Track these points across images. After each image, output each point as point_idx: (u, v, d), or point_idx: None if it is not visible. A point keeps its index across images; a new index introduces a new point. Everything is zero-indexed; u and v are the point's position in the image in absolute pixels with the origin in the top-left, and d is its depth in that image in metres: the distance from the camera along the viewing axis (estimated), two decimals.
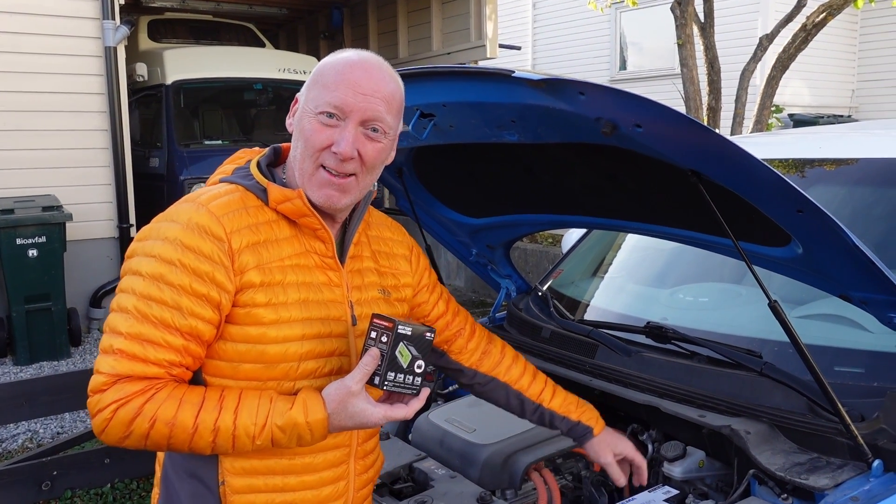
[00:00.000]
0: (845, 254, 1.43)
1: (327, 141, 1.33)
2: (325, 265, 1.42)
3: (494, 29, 8.07)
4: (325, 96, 1.33)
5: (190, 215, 1.31)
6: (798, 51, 6.84)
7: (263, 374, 1.34)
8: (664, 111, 1.30)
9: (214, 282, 1.28)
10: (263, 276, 1.33)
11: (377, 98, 1.35)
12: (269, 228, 1.37)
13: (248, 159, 1.49)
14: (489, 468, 1.82)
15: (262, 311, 1.32)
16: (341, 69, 1.35)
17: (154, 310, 1.26)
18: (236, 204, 1.35)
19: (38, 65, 5.85)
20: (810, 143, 2.70)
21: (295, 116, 1.42)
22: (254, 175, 1.41)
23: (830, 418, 1.56)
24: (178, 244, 1.28)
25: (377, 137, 1.36)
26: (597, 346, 2.08)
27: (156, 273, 1.27)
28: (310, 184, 1.36)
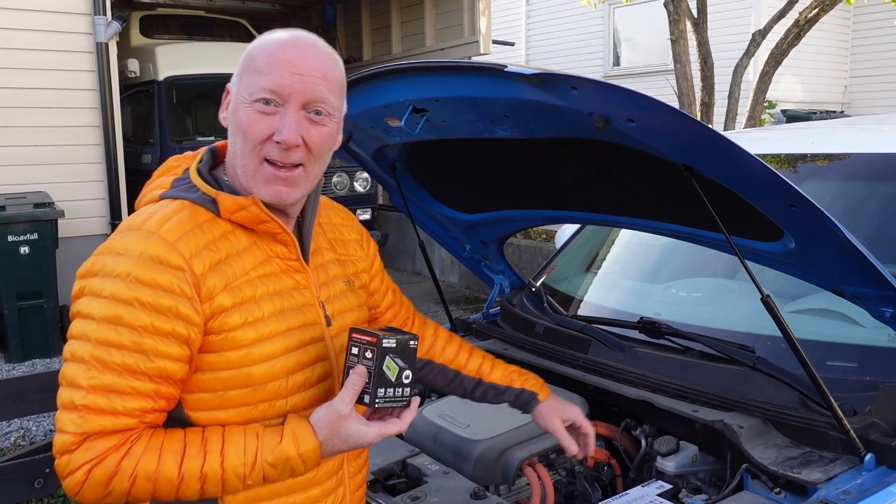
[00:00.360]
0: (837, 248, 1.44)
1: (268, 130, 1.23)
2: (291, 268, 1.34)
3: (488, 25, 8.07)
4: (258, 81, 1.23)
5: (140, 246, 1.18)
6: (791, 46, 6.86)
7: (253, 398, 1.26)
8: (657, 105, 1.30)
9: (179, 316, 1.17)
10: (234, 296, 1.23)
11: (316, 77, 1.25)
12: (226, 242, 1.26)
13: (184, 167, 1.37)
14: (483, 464, 1.82)
15: (240, 333, 1.23)
16: (273, 50, 1.25)
17: (115, 356, 1.14)
18: (188, 223, 1.23)
19: (28, 61, 5.83)
20: (803, 138, 2.71)
21: (228, 110, 1.30)
22: (198, 185, 1.29)
23: (823, 412, 1.57)
24: (131, 280, 1.15)
25: (322, 121, 1.27)
26: (590, 342, 2.09)
27: (110, 315, 1.14)
28: (254, 181, 1.26)
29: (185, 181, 1.31)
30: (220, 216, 1.27)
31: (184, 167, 1.36)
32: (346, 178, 7.34)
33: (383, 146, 2.10)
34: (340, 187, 7.31)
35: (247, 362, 1.24)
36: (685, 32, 6.73)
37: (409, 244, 8.69)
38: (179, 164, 1.38)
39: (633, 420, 1.90)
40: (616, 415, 1.95)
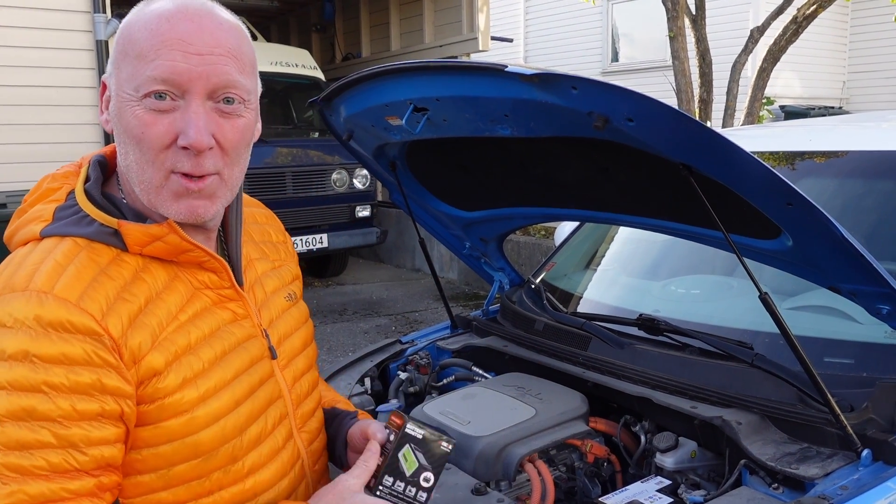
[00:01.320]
0: (834, 246, 1.45)
1: (168, 134, 0.97)
2: (224, 298, 1.10)
3: (486, 21, 8.06)
4: (144, 70, 0.96)
5: (32, 312, 0.91)
6: (789, 43, 6.86)
7: (204, 469, 1.03)
8: (655, 105, 1.31)
9: (105, 391, 0.93)
10: (165, 352, 0.99)
11: (221, 56, 0.98)
12: (141, 285, 1.00)
13: (66, 189, 1.07)
14: (483, 460, 1.83)
15: (179, 396, 1.00)
16: (157, 26, 0.96)
17: (35, 459, 0.89)
18: (88, 270, 0.97)
19: (28, 59, 5.80)
20: (800, 135, 2.72)
21: (109, 109, 1.03)
22: (91, 215, 1.02)
23: (820, 409, 1.58)
24: (31, 361, 0.90)
25: (235, 111, 1.01)
26: (590, 339, 2.09)
27: (16, 410, 0.89)
28: (160, 199, 1.00)
29: (72, 209, 1.03)
30: (127, 250, 1.02)
31: (66, 189, 1.07)
32: (346, 175, 7.35)
33: (384, 144, 2.12)
34: (340, 184, 7.32)
35: (192, 429, 1.01)
36: (683, 29, 6.74)
37: (408, 241, 8.70)
38: (59, 185, 1.08)
39: (632, 416, 1.90)
40: (615, 411, 1.96)
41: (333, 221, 7.31)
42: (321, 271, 8.29)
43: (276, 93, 7.79)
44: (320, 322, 6.48)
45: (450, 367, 2.37)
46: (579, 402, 1.92)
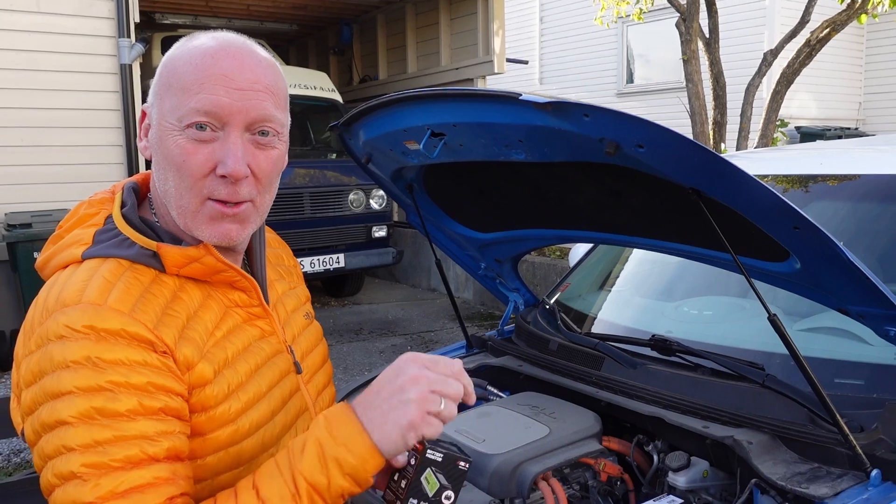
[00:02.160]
0: (841, 269, 1.47)
1: (208, 163, 1.03)
2: (252, 316, 1.16)
3: (502, 44, 8.16)
4: (188, 102, 1.02)
5: (90, 322, 0.96)
6: (803, 66, 6.89)
7: (243, 477, 1.05)
8: (665, 132, 1.35)
9: (164, 389, 0.98)
10: (212, 364, 1.05)
11: (259, 91, 1.05)
12: (181, 303, 1.06)
13: (103, 214, 1.13)
14: (498, 477, 1.84)
15: (224, 408, 1.05)
16: (201, 62, 1.03)
17: (113, 453, 0.93)
18: (136, 287, 1.02)
19: (55, 82, 5.95)
20: (812, 158, 2.75)
21: (150, 137, 1.09)
22: (131, 237, 1.07)
23: (830, 429, 1.59)
24: (94, 363, 0.95)
25: (270, 143, 1.08)
26: (603, 359, 2.11)
27: (86, 411, 0.93)
28: (195, 222, 1.06)
29: (112, 232, 1.09)
30: (165, 271, 1.07)
31: (103, 214, 1.13)
32: (363, 196, 7.43)
33: (401, 167, 2.16)
34: (357, 205, 7.40)
35: (236, 439, 1.06)
36: (697, 52, 6.78)
37: (423, 261, 8.75)
38: (96, 210, 1.14)
39: (645, 436, 1.92)
40: (628, 431, 1.97)
41: (350, 241, 7.38)
42: (337, 291, 8.35)
43: (295, 114, 7.78)
44: (336, 341, 6.53)
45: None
46: (593, 422, 1.94)
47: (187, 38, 1.09)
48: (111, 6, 6.01)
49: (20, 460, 4.04)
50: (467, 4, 8.55)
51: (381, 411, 0.99)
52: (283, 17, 10.47)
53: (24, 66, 5.84)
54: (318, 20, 10.62)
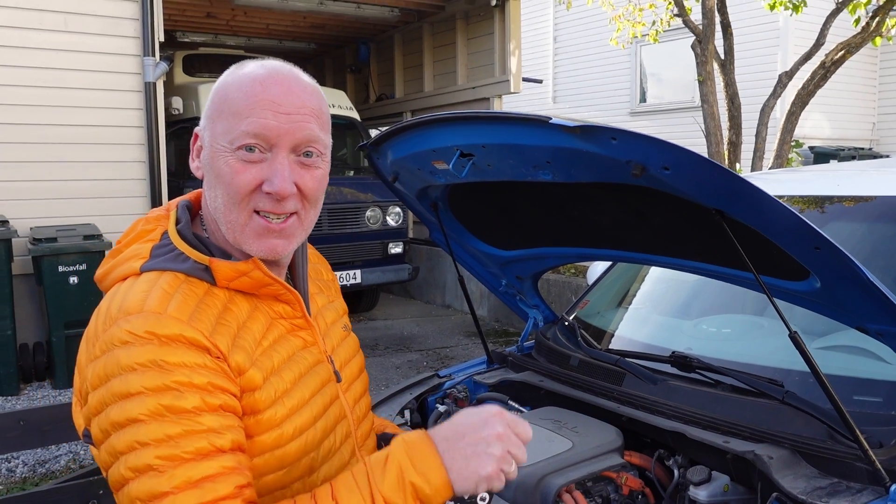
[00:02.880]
0: (861, 288, 1.50)
1: (255, 181, 1.10)
2: (295, 327, 1.22)
3: (518, 64, 8.24)
4: (238, 125, 1.10)
5: (151, 328, 1.03)
6: (817, 87, 6.94)
7: (286, 479, 1.14)
8: (690, 155, 1.40)
9: (221, 389, 1.05)
10: (261, 371, 1.11)
11: (305, 115, 1.12)
12: (231, 314, 1.12)
13: (159, 230, 1.20)
14: (522, 490, 1.87)
15: (271, 412, 1.11)
16: (250, 89, 1.10)
17: (184, 445, 1.00)
18: (192, 298, 1.09)
19: (81, 99, 6.06)
20: (829, 180, 2.79)
21: (202, 158, 1.17)
22: (186, 252, 1.14)
23: (850, 445, 1.61)
24: (159, 366, 1.01)
25: (314, 163, 1.15)
26: (624, 375, 2.13)
27: (156, 409, 1.00)
28: (244, 236, 1.13)
29: (168, 248, 1.16)
30: (216, 284, 1.14)
31: (159, 230, 1.20)
32: (379, 212, 7.50)
33: (427, 186, 2.21)
34: (373, 221, 7.47)
35: (281, 442, 1.12)
36: (712, 73, 6.84)
37: (438, 277, 8.80)
38: (152, 227, 1.21)
39: (665, 451, 1.93)
40: (648, 445, 2.00)
41: (367, 258, 7.44)
42: (353, 306, 8.41)
43: None
44: None
45: (486, 400, 2.41)
46: (614, 436, 1.96)
47: (237, 66, 1.17)
48: (136, 25, 6.13)
49: (45, 470, 4.10)
50: (484, 25, 8.65)
51: (464, 455, 1.04)
52: (301, 37, 10.62)
53: (51, 84, 5.95)
54: (335, 39, 10.76)
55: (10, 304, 5.39)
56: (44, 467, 4.12)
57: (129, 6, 6.12)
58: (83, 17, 5.99)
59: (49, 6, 5.89)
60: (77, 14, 5.97)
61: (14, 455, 4.14)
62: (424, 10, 9.23)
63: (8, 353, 5.41)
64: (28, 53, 5.86)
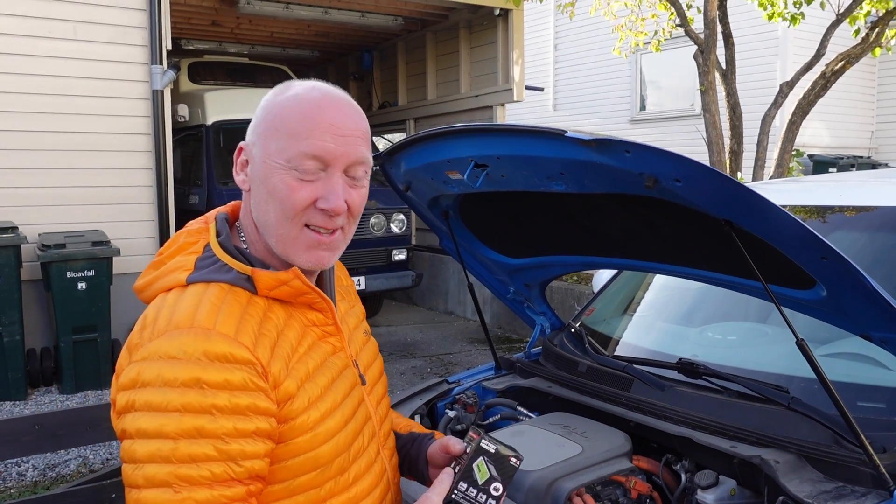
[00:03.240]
0: (866, 297, 1.55)
1: (310, 197, 1.16)
2: (326, 333, 1.27)
3: (521, 73, 8.30)
4: (297, 146, 1.14)
5: (201, 346, 1.07)
6: (818, 97, 6.99)
7: (320, 479, 1.19)
8: (701, 168, 1.45)
9: (259, 412, 1.08)
10: (295, 379, 1.16)
11: (358, 137, 1.19)
12: (270, 322, 1.17)
13: (202, 242, 1.24)
14: (534, 493, 1.89)
15: (305, 417, 1.16)
16: (309, 111, 1.16)
17: (202, 470, 1.04)
18: (237, 311, 1.13)
19: (89, 107, 6.11)
20: (831, 190, 2.84)
21: (249, 172, 1.21)
22: (230, 264, 1.19)
23: (854, 450, 1.65)
24: (202, 387, 1.05)
25: (361, 182, 1.21)
26: (632, 381, 2.16)
27: (189, 429, 1.03)
28: (294, 248, 1.19)
29: (212, 259, 1.20)
30: (256, 293, 1.18)
31: (202, 243, 1.24)
32: (384, 219, 7.55)
33: (439, 195, 2.24)
34: (378, 228, 7.51)
35: (314, 444, 1.17)
36: (714, 83, 6.90)
37: (441, 284, 8.84)
38: (195, 239, 1.25)
39: (673, 455, 1.96)
40: (655, 451, 2.03)
41: (370, 264, 7.48)
42: None
43: None
44: None
45: (495, 406, 2.44)
46: (623, 441, 2.00)
47: (285, 86, 1.22)
48: (144, 34, 6.19)
49: (55, 475, 4.14)
50: (487, 34, 8.72)
51: None
52: (305, 44, 10.69)
53: (60, 92, 6.01)
54: (339, 47, 10.83)
55: (18, 309, 5.44)
56: (54, 471, 4.16)
57: (137, 15, 6.18)
58: (92, 26, 6.05)
59: (58, 15, 5.95)
60: (86, 23, 6.03)
61: (24, 459, 4.17)
62: (428, 19, 9.30)
63: (16, 358, 5.45)
64: (37, 61, 5.91)
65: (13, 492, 3.86)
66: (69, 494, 2.87)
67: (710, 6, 6.70)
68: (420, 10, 8.84)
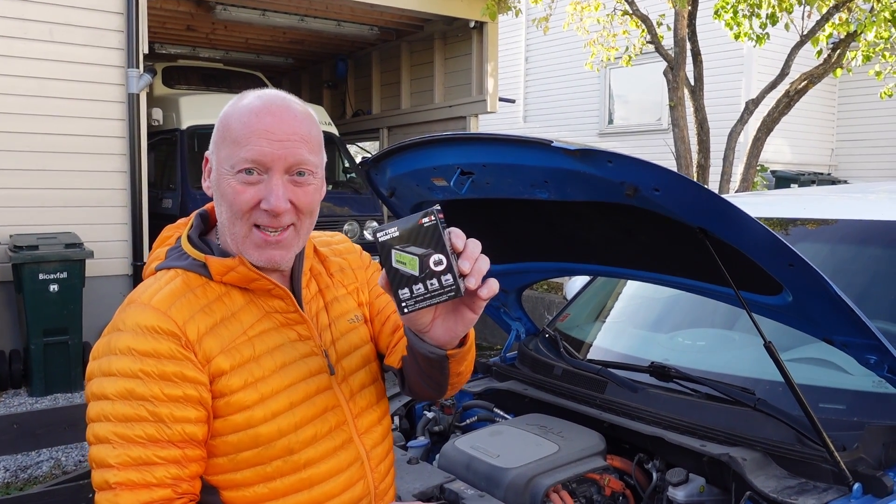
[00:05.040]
0: (829, 302, 1.63)
1: (253, 199, 1.24)
2: (290, 321, 1.34)
3: (495, 85, 8.41)
4: (238, 153, 1.23)
5: (135, 319, 1.20)
6: (781, 115, 7.20)
7: (264, 457, 1.26)
8: (679, 178, 1.53)
9: (186, 379, 1.19)
10: (231, 358, 1.24)
11: (295, 141, 1.25)
12: (221, 305, 1.27)
13: (176, 235, 1.37)
14: (513, 489, 1.94)
15: (241, 396, 1.23)
16: (247, 120, 1.24)
17: (136, 429, 1.16)
18: (180, 290, 1.25)
19: (64, 109, 6.07)
20: (795, 203, 2.96)
21: (211, 178, 1.31)
22: (188, 252, 1.31)
23: (816, 448, 1.73)
24: (132, 354, 1.18)
25: (306, 181, 1.28)
26: (606, 383, 2.23)
27: (122, 391, 1.16)
28: (245, 247, 1.27)
29: (177, 250, 1.33)
30: (213, 280, 1.28)
31: (176, 235, 1.37)
32: (357, 227, 7.59)
33: (422, 202, 2.28)
34: (351, 235, 7.55)
35: (252, 423, 1.24)
36: (683, 99, 7.07)
37: None
38: (172, 233, 1.39)
39: (645, 454, 2.03)
40: (626, 451, 2.09)
41: None
42: None
43: None
44: None
45: (472, 408, 2.50)
46: (597, 440, 2.07)
47: (238, 98, 1.31)
48: (121, 37, 6.16)
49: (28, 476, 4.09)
50: (462, 45, 8.82)
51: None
52: (279, 52, 10.68)
53: (35, 93, 5.95)
54: (313, 55, 10.85)
55: None
56: (26, 473, 4.11)
57: (114, 18, 6.15)
58: (68, 28, 6.01)
59: (34, 16, 5.90)
60: (62, 24, 5.99)
61: None
62: (403, 30, 9.37)
63: None
64: (12, 62, 5.85)
65: None
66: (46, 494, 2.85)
67: (680, 25, 6.88)
68: (396, 21, 8.91)
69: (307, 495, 1.31)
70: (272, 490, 1.28)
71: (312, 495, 1.32)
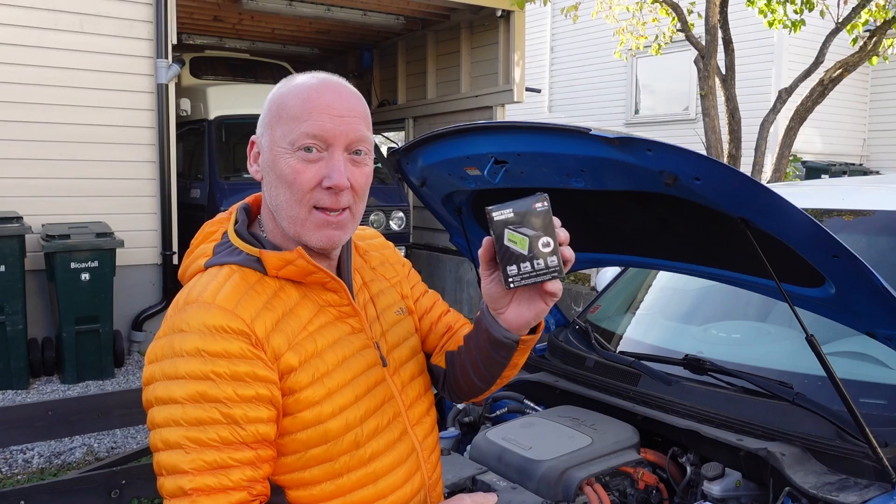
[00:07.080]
0: (874, 294, 1.59)
1: (315, 178, 1.21)
2: (343, 314, 1.32)
3: (522, 74, 8.35)
4: (298, 127, 1.21)
5: (201, 319, 1.16)
6: (815, 104, 7.07)
7: (332, 453, 1.25)
8: (721, 167, 1.50)
9: (258, 378, 1.16)
10: (298, 354, 1.22)
11: (356, 117, 1.24)
12: (280, 300, 1.24)
13: (221, 231, 1.34)
14: (546, 482, 1.94)
15: (310, 392, 1.22)
16: (307, 95, 1.22)
17: (209, 433, 1.12)
18: (241, 287, 1.21)
19: (94, 99, 6.13)
20: (831, 194, 2.90)
21: (260, 162, 1.28)
22: (240, 247, 1.27)
23: (857, 443, 1.70)
24: (202, 355, 1.14)
25: (363, 160, 1.27)
26: (639, 376, 2.21)
27: (193, 394, 1.13)
28: (305, 229, 1.24)
29: (227, 245, 1.29)
30: (268, 274, 1.25)
31: (221, 231, 1.34)
32: (383, 217, 7.59)
33: (453, 192, 2.27)
34: (377, 225, 7.55)
35: (321, 419, 1.22)
36: (714, 88, 6.97)
37: (437, 282, 8.88)
38: (216, 228, 1.35)
39: (679, 448, 2.01)
40: (660, 444, 2.08)
41: None
42: None
43: None
44: None
45: (502, 399, 2.49)
46: (631, 433, 2.05)
47: (288, 79, 1.28)
48: (150, 28, 6.21)
49: (61, 462, 4.16)
50: (488, 34, 8.76)
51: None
52: (305, 42, 10.71)
53: (66, 84, 6.02)
54: (339, 45, 10.85)
55: (22, 299, 5.45)
56: (59, 458, 4.18)
57: (143, 9, 6.20)
58: (98, 19, 6.07)
59: (65, 7, 5.96)
60: (92, 15, 6.05)
61: (29, 446, 4.19)
62: (429, 19, 9.33)
63: (19, 347, 5.46)
64: (43, 53, 5.92)
65: (20, 478, 3.88)
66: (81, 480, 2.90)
67: (711, 12, 6.77)
68: (422, 10, 8.87)
69: (372, 489, 1.30)
70: (338, 487, 1.26)
71: (378, 489, 1.31)
